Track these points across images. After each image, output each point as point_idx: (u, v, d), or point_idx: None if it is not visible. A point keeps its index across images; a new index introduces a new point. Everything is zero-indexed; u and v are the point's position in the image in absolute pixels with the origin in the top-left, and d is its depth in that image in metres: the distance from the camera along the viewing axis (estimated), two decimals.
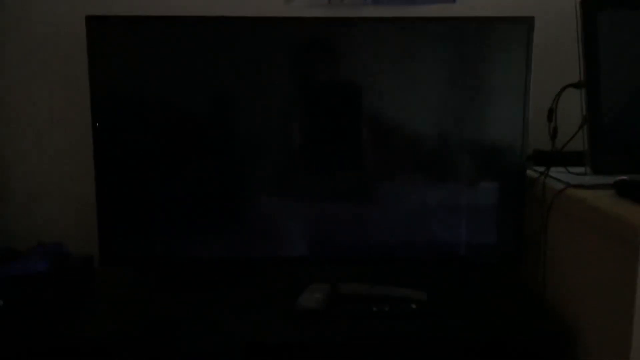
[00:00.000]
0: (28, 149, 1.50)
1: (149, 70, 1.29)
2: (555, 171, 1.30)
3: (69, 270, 1.27)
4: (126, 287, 1.36)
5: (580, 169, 1.23)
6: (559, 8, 1.32)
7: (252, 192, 1.34)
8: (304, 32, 1.29)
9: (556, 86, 1.25)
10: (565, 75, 1.21)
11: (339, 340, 1.13)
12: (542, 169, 1.31)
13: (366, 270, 1.37)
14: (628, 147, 1.19)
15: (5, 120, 1.49)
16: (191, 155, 1.32)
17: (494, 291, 1.34)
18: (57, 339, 1.12)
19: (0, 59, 1.47)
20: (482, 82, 1.31)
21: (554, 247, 1.27)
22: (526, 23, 1.27)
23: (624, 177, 1.13)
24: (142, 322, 1.19)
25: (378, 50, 1.29)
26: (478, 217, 1.35)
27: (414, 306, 1.20)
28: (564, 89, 1.24)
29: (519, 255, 1.35)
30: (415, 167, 1.35)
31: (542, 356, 1.15)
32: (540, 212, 1.29)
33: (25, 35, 1.47)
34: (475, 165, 1.35)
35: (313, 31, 1.30)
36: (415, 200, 1.34)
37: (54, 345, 1.11)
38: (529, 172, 1.36)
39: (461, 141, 1.33)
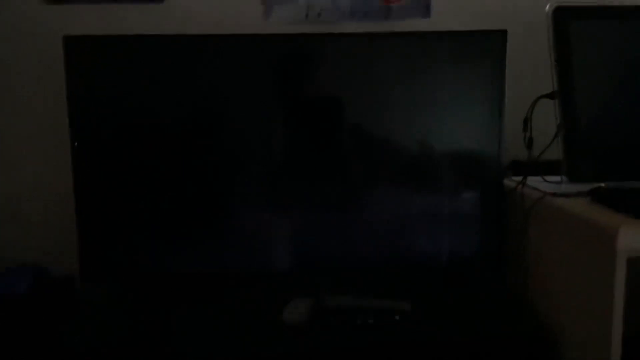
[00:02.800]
0: (6, 169, 1.49)
1: (128, 87, 1.29)
2: (533, 180, 1.32)
3: (49, 290, 1.25)
4: (108, 304, 1.34)
5: (557, 178, 1.26)
6: (531, 20, 1.35)
7: (235, 205, 1.34)
8: (281, 47, 1.31)
9: (532, 97, 1.28)
10: (541, 86, 1.24)
11: (323, 354, 1.13)
12: (520, 178, 1.33)
13: (350, 281, 1.37)
14: (602, 155, 1.22)
15: None
16: (172, 170, 1.31)
17: (477, 299, 1.35)
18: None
19: None
20: (457, 95, 1.32)
21: (534, 253, 1.29)
22: (499, 36, 1.30)
23: (600, 185, 1.16)
24: (125, 340, 1.18)
25: (355, 65, 1.31)
26: (459, 226, 1.36)
27: (397, 317, 1.20)
28: (538, 99, 1.26)
29: (501, 263, 1.36)
30: (394, 179, 1.36)
31: (524, 358, 1.17)
32: (520, 220, 1.30)
33: (4, 51, 1.46)
34: (454, 176, 1.36)
35: (290, 47, 1.31)
36: (396, 211, 1.35)
37: None
38: (508, 181, 1.38)
39: (440, 153, 1.35)
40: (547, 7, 1.20)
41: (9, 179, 1.49)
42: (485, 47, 1.31)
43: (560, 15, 1.22)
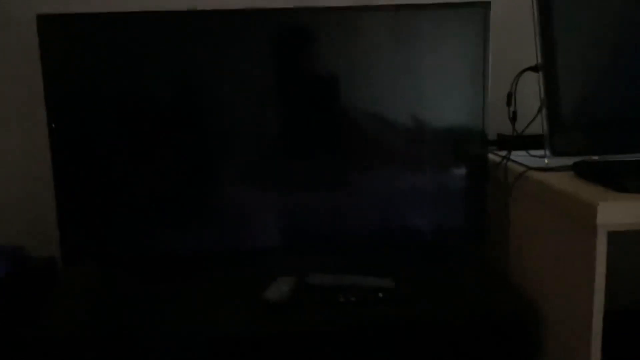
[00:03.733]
0: None
1: (107, 66, 1.27)
2: (518, 155, 1.31)
3: (30, 272, 1.24)
4: (90, 286, 1.33)
5: (542, 152, 1.24)
6: None
7: (219, 184, 1.32)
8: (268, 23, 1.28)
9: (517, 70, 1.26)
10: (525, 59, 1.22)
11: (304, 331, 1.13)
12: (504, 153, 1.32)
13: (335, 259, 1.37)
14: (586, 129, 1.20)
15: None
16: (154, 148, 1.30)
17: (459, 274, 1.35)
18: (19, 342, 1.10)
19: None
20: (441, 68, 1.31)
21: (516, 228, 1.28)
22: (483, 7, 1.27)
23: (584, 159, 1.15)
24: (108, 320, 1.17)
25: (340, 40, 1.29)
26: (444, 202, 1.35)
27: (380, 295, 1.20)
28: (522, 72, 1.25)
29: (484, 238, 1.36)
30: (379, 155, 1.35)
31: (508, 333, 1.17)
32: (503, 194, 1.30)
33: None
34: (438, 151, 1.35)
35: (277, 22, 1.28)
36: (381, 187, 1.34)
37: (18, 347, 1.09)
38: (492, 156, 1.37)
39: (424, 128, 1.33)
40: None
41: None
42: (469, 18, 1.29)
43: None
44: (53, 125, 1.25)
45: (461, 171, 1.35)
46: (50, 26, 1.23)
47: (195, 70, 1.29)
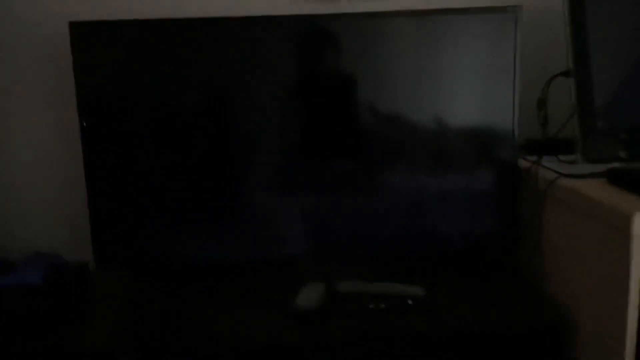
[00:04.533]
0: (18, 159, 1.50)
1: (139, 72, 1.28)
2: (548, 160, 1.30)
3: (64, 279, 1.27)
4: (122, 292, 1.36)
5: (572, 157, 1.23)
6: None
7: (248, 192, 1.33)
8: (293, 28, 1.28)
9: (547, 75, 1.25)
10: (556, 64, 1.21)
11: (335, 340, 1.14)
12: (534, 158, 1.31)
13: (364, 266, 1.37)
14: (618, 135, 1.19)
15: None
16: (185, 156, 1.31)
17: (491, 282, 1.34)
18: (53, 349, 1.12)
19: None
20: (472, 72, 1.30)
21: (549, 235, 1.27)
22: (514, 12, 1.26)
23: (616, 165, 1.14)
24: (140, 327, 1.19)
25: (371, 44, 1.28)
26: (473, 208, 1.35)
27: (410, 302, 1.20)
28: (553, 77, 1.24)
29: (516, 245, 1.35)
30: (409, 160, 1.34)
31: (541, 344, 1.16)
32: (534, 201, 1.29)
33: (10, 39, 1.45)
34: (468, 156, 1.34)
35: (303, 27, 1.29)
36: (410, 192, 1.34)
37: (51, 356, 1.12)
38: (522, 161, 1.36)
39: (454, 132, 1.33)
40: None
41: (22, 168, 1.50)
42: (500, 22, 1.27)
43: None
44: (84, 124, 1.27)
45: (492, 177, 1.34)
46: (81, 32, 1.25)
47: (221, 75, 1.29)
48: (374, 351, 1.14)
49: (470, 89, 1.31)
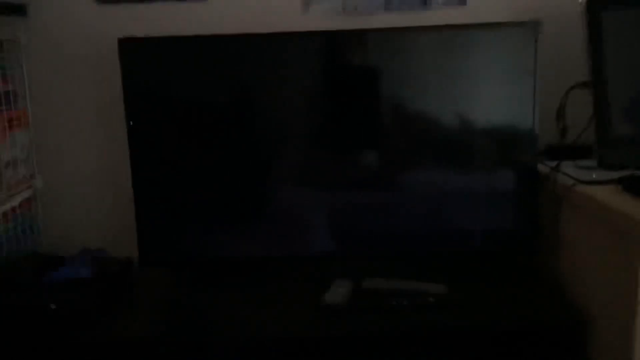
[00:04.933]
0: (70, 164, 1.61)
1: (178, 82, 1.39)
2: (566, 165, 1.35)
3: (110, 274, 1.37)
4: (164, 287, 1.46)
5: (590, 162, 1.29)
6: (565, 10, 1.37)
7: (280, 191, 1.42)
8: (320, 43, 1.38)
9: (566, 86, 1.31)
10: (575, 76, 1.27)
11: (360, 334, 1.21)
12: (553, 163, 1.36)
13: (388, 263, 1.45)
14: (634, 144, 1.24)
15: (44, 132, 1.60)
16: (220, 158, 1.41)
17: (510, 281, 1.39)
18: (101, 336, 1.23)
19: (37, 74, 1.57)
20: (494, 83, 1.37)
21: (565, 238, 1.33)
22: (534, 27, 1.32)
23: (630, 173, 1.18)
24: (179, 320, 1.29)
25: (396, 52, 1.37)
26: (494, 209, 1.41)
27: (431, 299, 1.27)
28: (572, 88, 1.29)
29: (534, 246, 1.40)
30: (432, 162, 1.42)
31: (558, 342, 1.22)
32: (552, 206, 1.34)
33: (62, 53, 1.57)
34: (492, 161, 1.41)
35: (328, 42, 1.38)
36: (433, 193, 1.41)
37: (99, 345, 1.22)
38: (542, 166, 1.41)
39: (478, 138, 1.39)
40: None
41: (73, 173, 1.62)
42: (522, 37, 1.33)
43: (594, 5, 1.24)
44: (131, 123, 1.37)
45: (513, 180, 1.40)
46: (129, 48, 1.36)
47: (255, 85, 1.39)
48: (397, 346, 1.21)
49: (495, 97, 1.37)
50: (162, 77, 1.39)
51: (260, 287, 1.41)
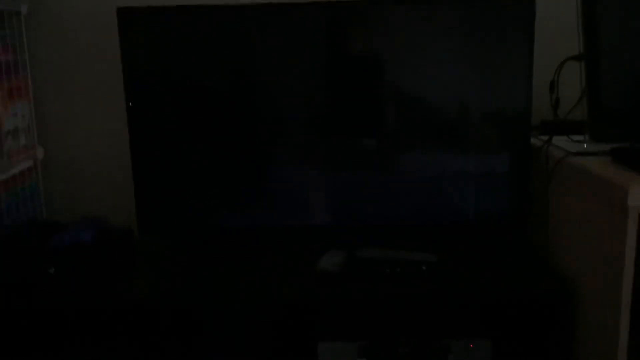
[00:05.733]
0: (69, 130, 1.63)
1: (178, 53, 1.40)
2: (559, 140, 1.37)
3: (111, 240, 1.40)
4: (163, 256, 1.48)
5: (582, 137, 1.31)
6: None
7: (278, 165, 1.45)
8: (322, 14, 1.38)
9: (560, 59, 1.32)
10: (569, 49, 1.28)
11: (354, 299, 1.25)
12: (546, 138, 1.38)
13: (382, 236, 1.47)
14: (625, 116, 1.26)
15: (45, 101, 1.62)
16: (221, 129, 1.43)
17: (500, 253, 1.43)
18: (103, 301, 1.26)
19: (38, 44, 1.59)
20: (489, 57, 1.38)
21: (556, 209, 1.35)
22: (529, 1, 1.33)
23: (622, 145, 1.20)
24: (180, 285, 1.32)
25: (392, 28, 1.37)
26: (487, 184, 1.43)
27: (424, 267, 1.30)
28: (565, 61, 1.31)
29: (525, 219, 1.43)
30: (426, 138, 1.44)
31: (543, 308, 1.25)
32: (544, 178, 1.36)
33: (63, 24, 1.58)
34: (484, 135, 1.42)
35: (330, 13, 1.38)
36: (427, 168, 1.43)
37: (101, 307, 1.25)
38: (535, 141, 1.43)
39: (471, 112, 1.41)
40: None
41: (75, 141, 1.64)
42: (517, 11, 1.35)
43: None
44: (130, 104, 1.39)
45: (505, 155, 1.42)
46: (128, 17, 1.37)
47: (254, 58, 1.40)
48: (389, 310, 1.24)
49: (488, 72, 1.39)
50: (163, 48, 1.40)
51: (258, 256, 1.43)
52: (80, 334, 1.25)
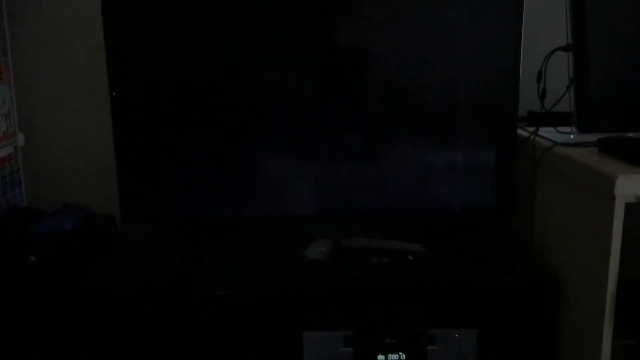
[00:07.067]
0: (51, 117, 1.60)
1: (163, 40, 1.37)
2: (546, 131, 1.37)
3: (93, 228, 1.38)
4: (146, 244, 1.47)
5: (569, 129, 1.31)
6: None
7: (263, 154, 1.42)
8: None
9: (547, 49, 1.32)
10: (557, 39, 1.28)
11: (340, 288, 1.24)
12: (533, 129, 1.38)
13: (369, 227, 1.47)
14: (612, 107, 1.26)
15: (27, 87, 1.59)
16: (205, 117, 1.40)
17: (486, 243, 1.43)
18: (84, 290, 1.24)
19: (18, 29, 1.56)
20: (475, 46, 1.37)
21: (542, 200, 1.36)
22: None
23: (608, 135, 1.21)
24: (162, 273, 1.30)
25: (376, 15, 1.36)
26: (473, 175, 1.42)
27: (410, 257, 1.30)
28: (553, 52, 1.31)
29: (512, 210, 1.43)
30: (412, 129, 1.42)
31: (528, 297, 1.25)
32: (530, 168, 1.37)
33: (45, 7, 1.55)
34: (470, 126, 1.42)
35: None
36: (413, 159, 1.42)
37: (82, 296, 1.23)
38: (521, 132, 1.43)
39: (457, 103, 1.40)
40: None
41: (57, 128, 1.62)
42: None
43: None
44: (114, 94, 1.36)
45: (492, 145, 1.41)
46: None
47: (240, 44, 1.37)
48: (375, 299, 1.24)
49: (474, 62, 1.38)
50: (147, 36, 1.37)
51: (244, 245, 1.42)
52: (60, 322, 1.23)
